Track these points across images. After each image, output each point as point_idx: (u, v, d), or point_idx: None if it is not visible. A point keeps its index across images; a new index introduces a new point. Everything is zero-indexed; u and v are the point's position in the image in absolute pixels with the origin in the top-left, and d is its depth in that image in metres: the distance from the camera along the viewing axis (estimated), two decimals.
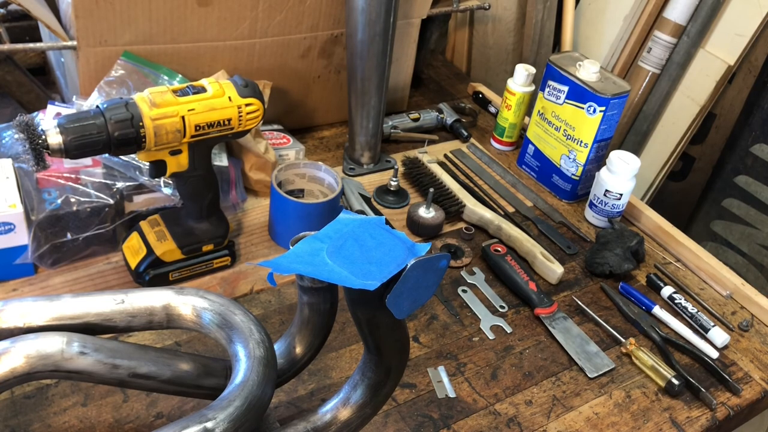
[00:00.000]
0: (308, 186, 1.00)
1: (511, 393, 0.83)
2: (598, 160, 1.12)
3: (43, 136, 0.69)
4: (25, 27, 1.08)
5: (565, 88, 1.09)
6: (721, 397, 0.86)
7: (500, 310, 0.94)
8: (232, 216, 1.00)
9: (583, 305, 0.96)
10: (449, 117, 1.28)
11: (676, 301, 0.98)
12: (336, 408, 0.67)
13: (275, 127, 1.14)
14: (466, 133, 1.26)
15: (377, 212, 1.05)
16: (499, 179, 1.19)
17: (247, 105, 0.80)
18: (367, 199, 1.06)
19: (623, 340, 0.91)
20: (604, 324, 0.93)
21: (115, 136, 0.72)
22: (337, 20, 1.09)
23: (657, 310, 0.96)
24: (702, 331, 0.94)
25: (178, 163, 0.80)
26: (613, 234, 1.03)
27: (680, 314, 0.97)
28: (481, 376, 0.84)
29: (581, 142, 1.09)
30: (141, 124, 0.73)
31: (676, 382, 0.84)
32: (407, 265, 0.55)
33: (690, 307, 0.97)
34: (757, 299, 0.99)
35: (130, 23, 0.93)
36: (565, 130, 1.11)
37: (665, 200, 1.58)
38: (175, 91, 0.77)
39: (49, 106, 0.91)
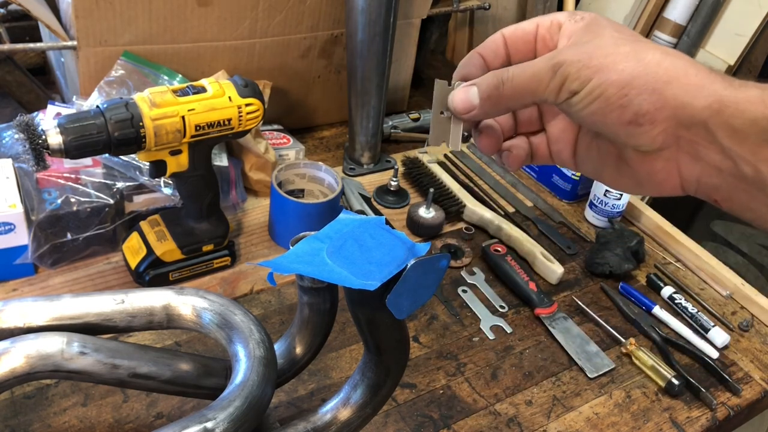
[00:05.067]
0: (308, 186, 1.00)
1: (511, 393, 0.83)
2: None
3: (43, 136, 0.69)
4: (25, 27, 1.08)
5: None
6: (721, 397, 0.86)
7: (500, 310, 0.94)
8: (232, 216, 1.00)
9: (583, 305, 0.96)
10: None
11: (676, 301, 0.98)
12: (336, 408, 0.66)
13: (275, 127, 1.14)
14: (466, 133, 1.26)
15: (377, 212, 1.05)
16: (499, 179, 1.19)
17: (247, 105, 0.80)
18: (367, 199, 1.06)
19: (623, 340, 0.91)
20: (604, 324, 0.93)
21: (115, 136, 0.72)
22: (337, 20, 1.09)
23: (657, 310, 0.96)
24: (702, 331, 0.94)
25: (178, 163, 0.80)
26: (613, 234, 1.03)
27: (680, 314, 0.97)
28: (481, 376, 0.84)
29: None
30: (141, 124, 0.73)
31: (676, 382, 0.84)
32: (407, 265, 0.55)
33: (690, 307, 0.97)
34: (757, 299, 0.99)
35: (130, 23, 0.93)
36: None
37: (665, 200, 1.58)
38: (175, 91, 0.77)
39: (49, 106, 0.91)
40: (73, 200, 0.83)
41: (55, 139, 0.69)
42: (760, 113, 0.37)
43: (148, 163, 0.82)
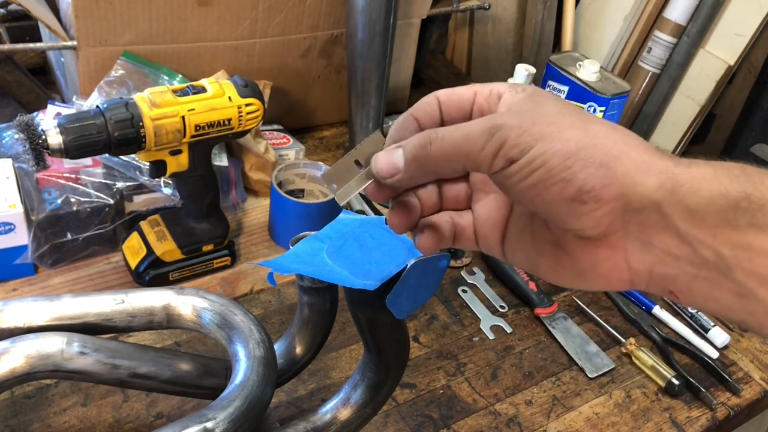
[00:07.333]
0: (308, 186, 1.00)
1: (511, 393, 0.83)
2: None
3: (43, 136, 0.69)
4: (25, 27, 1.08)
5: (565, 88, 1.09)
6: (721, 397, 0.86)
7: (500, 310, 0.94)
8: (232, 216, 1.00)
9: (583, 305, 0.96)
10: None
11: None
12: (336, 408, 0.67)
13: (275, 127, 1.14)
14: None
15: (377, 212, 1.05)
16: None
17: (247, 105, 0.80)
18: (367, 199, 1.06)
19: (623, 340, 0.91)
20: (604, 324, 0.93)
21: (115, 136, 0.72)
22: (337, 20, 1.09)
23: (657, 310, 0.96)
24: (702, 331, 0.94)
25: (178, 163, 0.80)
26: None
27: (680, 314, 0.97)
28: (481, 376, 0.84)
29: None
30: (141, 124, 0.73)
31: (676, 382, 0.84)
32: (407, 265, 0.55)
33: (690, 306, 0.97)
34: None
35: (130, 23, 0.93)
36: None
37: None
38: (175, 91, 0.77)
39: (49, 106, 0.91)
40: (73, 200, 0.83)
41: (55, 139, 0.69)
42: (716, 191, 0.33)
43: (148, 163, 0.82)
